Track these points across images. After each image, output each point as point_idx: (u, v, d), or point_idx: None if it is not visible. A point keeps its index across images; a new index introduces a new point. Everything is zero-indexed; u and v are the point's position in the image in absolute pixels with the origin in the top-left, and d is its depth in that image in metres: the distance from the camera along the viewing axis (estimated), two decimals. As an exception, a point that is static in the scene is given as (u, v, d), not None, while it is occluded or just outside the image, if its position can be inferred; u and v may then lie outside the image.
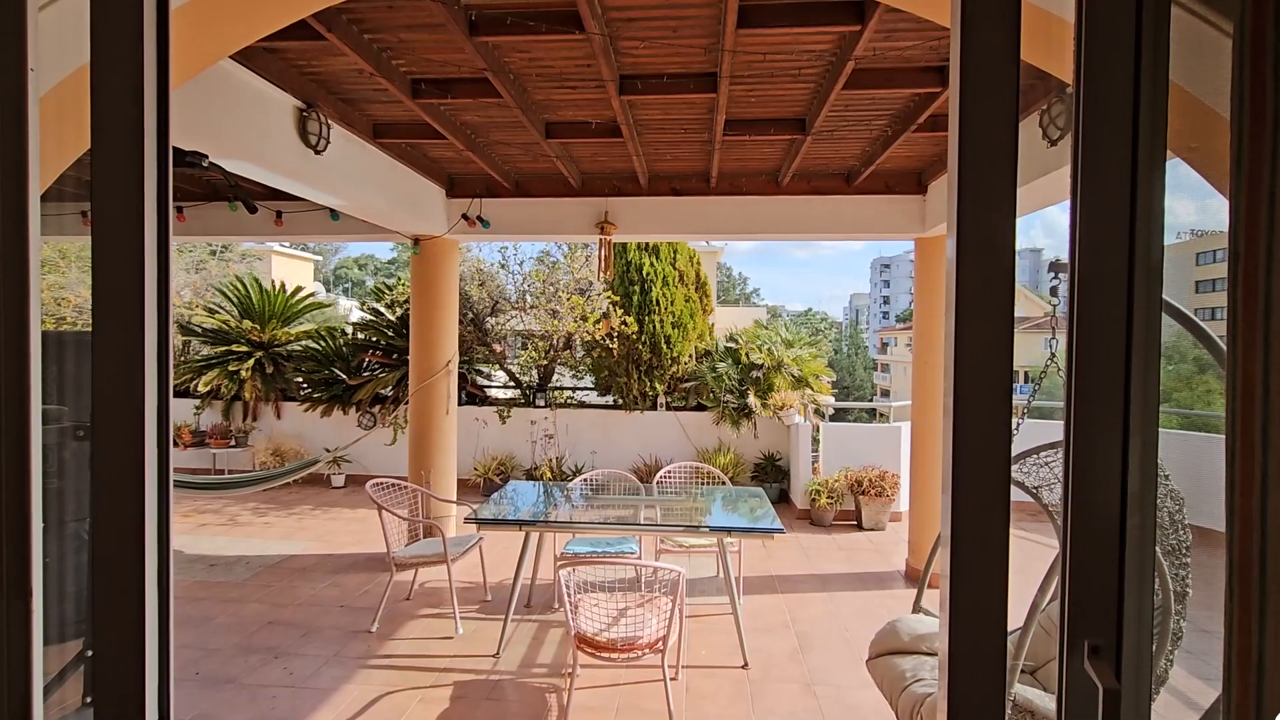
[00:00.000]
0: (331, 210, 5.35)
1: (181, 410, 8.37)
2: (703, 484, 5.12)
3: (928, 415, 5.04)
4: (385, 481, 4.58)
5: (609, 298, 7.64)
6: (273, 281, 8.79)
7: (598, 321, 7.35)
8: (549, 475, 7.50)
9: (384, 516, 4.17)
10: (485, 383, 8.94)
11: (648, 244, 7.87)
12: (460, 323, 7.94)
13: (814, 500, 6.64)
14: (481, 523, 3.83)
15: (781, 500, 7.62)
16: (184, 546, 5.76)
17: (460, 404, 8.24)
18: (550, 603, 4.59)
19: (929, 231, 5.00)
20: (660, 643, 3.16)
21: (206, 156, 2.45)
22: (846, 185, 5.07)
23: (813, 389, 7.81)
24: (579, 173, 5.03)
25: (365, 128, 4.05)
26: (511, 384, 8.70)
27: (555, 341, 7.91)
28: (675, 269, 7.98)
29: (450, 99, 3.39)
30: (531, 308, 7.90)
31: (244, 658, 3.77)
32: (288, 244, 17.96)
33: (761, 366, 7.73)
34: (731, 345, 8.14)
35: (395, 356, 8.12)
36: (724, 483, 5.07)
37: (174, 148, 1.11)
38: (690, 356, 8.04)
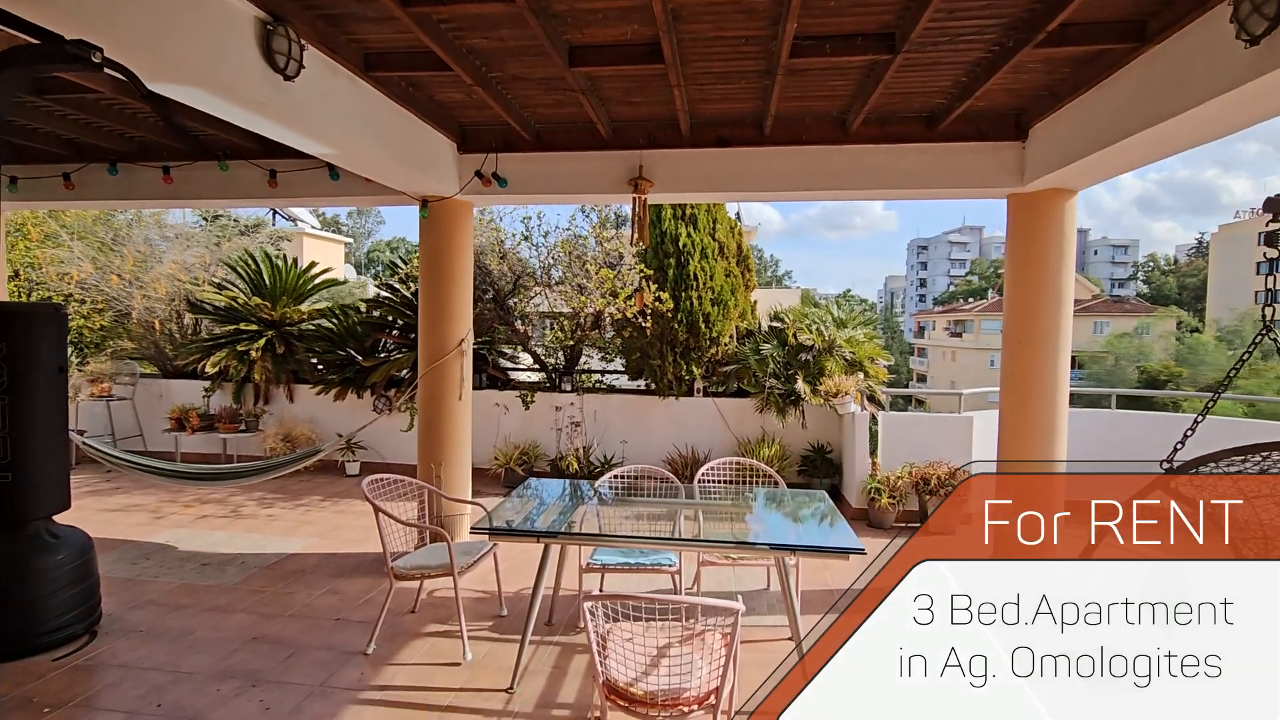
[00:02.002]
0: (330, 168, 4.73)
1: (189, 393, 7.94)
2: (750, 482, 4.40)
3: (1026, 404, 4.24)
4: (386, 478, 3.97)
5: (641, 271, 6.91)
6: (284, 256, 8.26)
7: (629, 297, 6.63)
8: (575, 466, 6.87)
9: (381, 520, 3.56)
10: (509, 365, 8.33)
11: (684, 211, 7.11)
12: (480, 299, 7.33)
13: (873, 499, 5.88)
14: (492, 532, 3.18)
15: (833, 497, 6.85)
16: (178, 542, 5.27)
17: (480, 387, 7.64)
18: (575, 620, 3.95)
19: (1028, 185, 4.15)
20: (712, 695, 2.49)
21: (99, 50, 1.81)
22: (928, 130, 4.25)
23: (868, 374, 7.01)
24: (609, 119, 4.30)
25: (354, 57, 3.38)
26: (536, 367, 8.07)
27: (582, 320, 7.22)
28: (715, 240, 7.21)
29: (450, 5, 2.69)
30: (558, 283, 7.22)
31: (217, 685, 3.21)
32: (318, 225, 17.59)
33: (811, 348, 6.95)
34: (777, 325, 7.37)
35: (412, 336, 7.53)
36: (775, 482, 4.35)
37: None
38: (731, 337, 7.29)
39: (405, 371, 7.22)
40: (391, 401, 6.43)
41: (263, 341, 7.61)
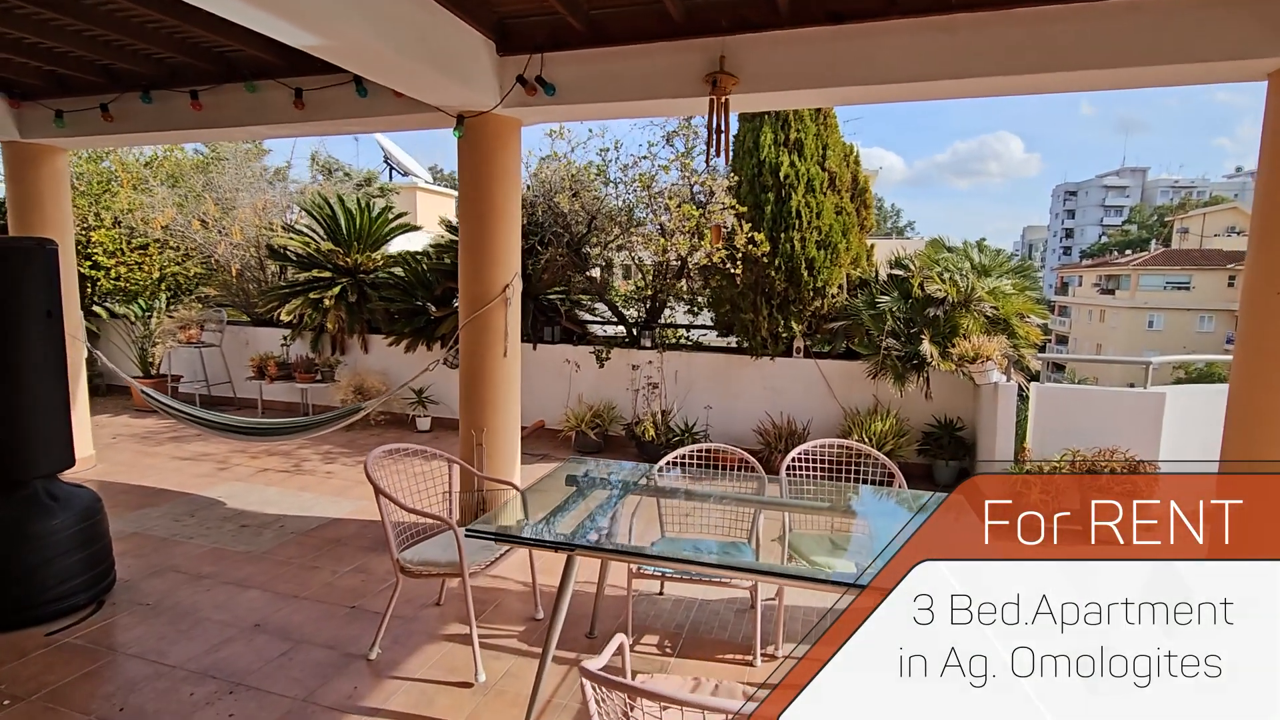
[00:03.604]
0: (357, 82, 4.04)
1: (272, 340, 7.86)
2: (856, 470, 3.37)
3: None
4: (407, 447, 3.33)
5: (733, 208, 5.84)
6: (358, 200, 7.90)
7: (691, 229, 5.57)
8: (651, 433, 6.06)
9: (383, 504, 2.92)
10: (588, 317, 7.59)
11: (788, 136, 5.91)
12: (552, 243, 6.57)
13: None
14: (491, 537, 2.42)
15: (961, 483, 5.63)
16: (229, 497, 5.02)
17: (552, 341, 6.97)
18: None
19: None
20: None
21: None
22: (1147, -23, 2.88)
23: (1017, 334, 5.61)
24: (682, -6, 3.27)
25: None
26: (614, 319, 7.27)
27: (664, 266, 6.29)
28: (824, 170, 5.98)
29: None
30: (637, 225, 6.30)
31: (191, 687, 2.73)
32: (430, 180, 17.57)
33: (942, 302, 5.64)
34: (899, 273, 6.08)
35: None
36: (890, 475, 3.28)
37: None
38: (840, 287, 6.10)
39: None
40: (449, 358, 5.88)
41: (337, 290, 7.31)
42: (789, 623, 3.32)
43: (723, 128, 3.38)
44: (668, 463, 3.42)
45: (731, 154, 6.20)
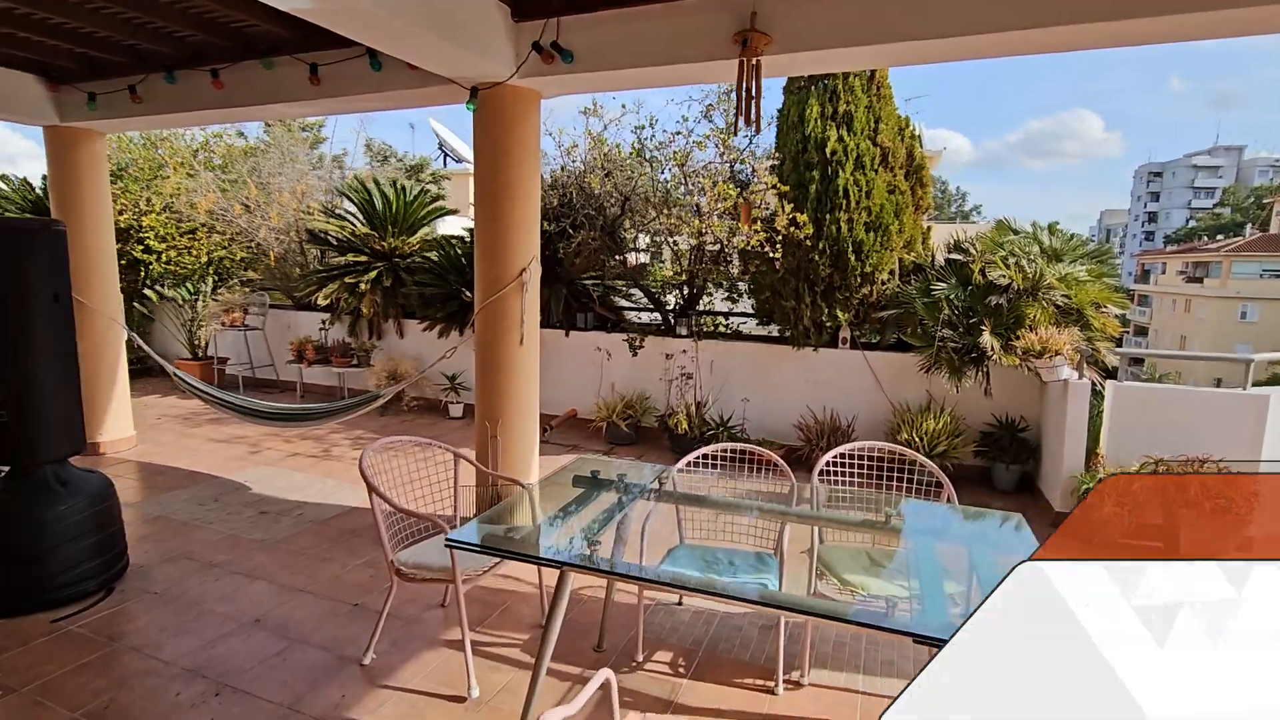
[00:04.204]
0: (371, 55, 3.85)
1: (312, 324, 7.91)
2: (902, 482, 3.01)
3: None
4: (411, 440, 3.16)
5: (773, 185, 5.44)
6: (394, 183, 7.82)
7: (728, 209, 5.19)
8: (684, 426, 5.77)
9: (376, 503, 2.74)
10: (624, 304, 7.33)
11: (836, 108, 5.46)
12: (585, 226, 6.32)
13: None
14: (463, 546, 2.18)
15: (1023, 489, 5.15)
16: (255, 482, 5.01)
17: (585, 327, 6.74)
18: (631, 649, 2.92)
19: None
20: None
21: None
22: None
23: (1092, 326, 5.05)
24: (708, -58, 2.92)
25: None
26: (649, 306, 6.98)
27: (701, 250, 5.95)
28: (876, 145, 5.50)
29: None
30: (675, 205, 5.96)
31: (180, 686, 2.63)
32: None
33: (1006, 289, 5.12)
34: (958, 258, 5.57)
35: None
36: (938, 484, 2.90)
37: None
38: (891, 273, 5.64)
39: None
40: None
41: (373, 274, 7.26)
42: (818, 644, 3.00)
43: (755, 92, 3.03)
44: (688, 463, 3.13)
45: (766, 124, 5.80)
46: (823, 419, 5.65)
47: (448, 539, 2.16)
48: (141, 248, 8.04)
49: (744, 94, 3.02)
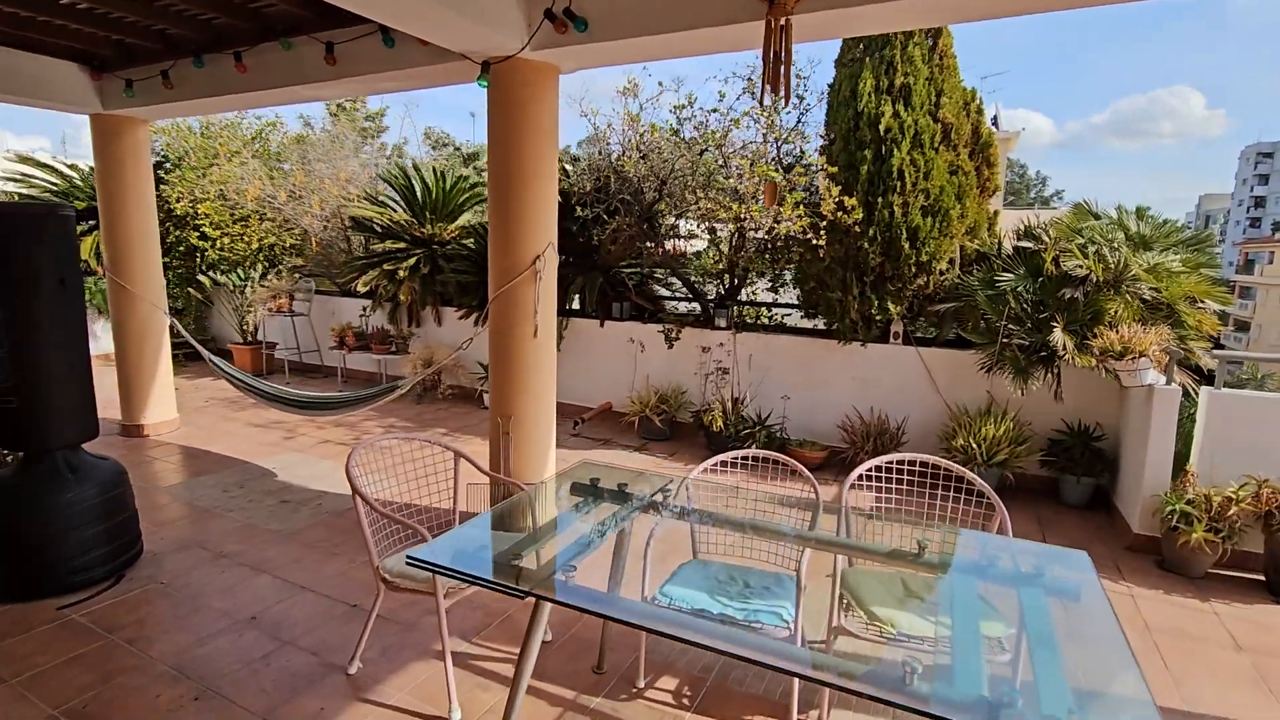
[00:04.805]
0: (384, 32, 3.68)
1: (352, 311, 7.96)
2: (953, 499, 2.62)
3: None
4: (403, 437, 3.00)
5: (821, 166, 5.02)
6: (433, 170, 7.75)
7: (783, 198, 4.81)
8: (719, 424, 5.45)
9: (360, 506, 2.58)
10: (663, 293, 7.04)
11: (892, 80, 4.98)
12: (620, 212, 6.05)
13: (1175, 527, 3.62)
14: (423, 565, 1.96)
15: (1096, 505, 4.61)
16: (282, 469, 5.01)
17: (621, 318, 6.50)
18: (632, 673, 2.67)
19: None
20: None
21: None
22: None
23: (1185, 324, 4.44)
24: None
25: None
26: (688, 295, 6.66)
27: (741, 237, 5.59)
28: (936, 121, 4.99)
29: None
30: (713, 189, 5.61)
31: (162, 688, 2.54)
32: None
33: (1083, 281, 4.57)
34: (1028, 246, 5.02)
35: (566, 258, 6.64)
36: (999, 518, 2.51)
37: None
38: (951, 262, 5.14)
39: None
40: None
41: (411, 261, 7.22)
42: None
43: (784, 57, 2.68)
44: (705, 469, 2.84)
45: (816, 100, 5.36)
46: (869, 420, 5.23)
47: (409, 557, 1.95)
48: (198, 234, 8.27)
49: (769, 59, 2.67)
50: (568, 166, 6.68)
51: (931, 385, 5.24)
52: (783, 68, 2.70)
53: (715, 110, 5.18)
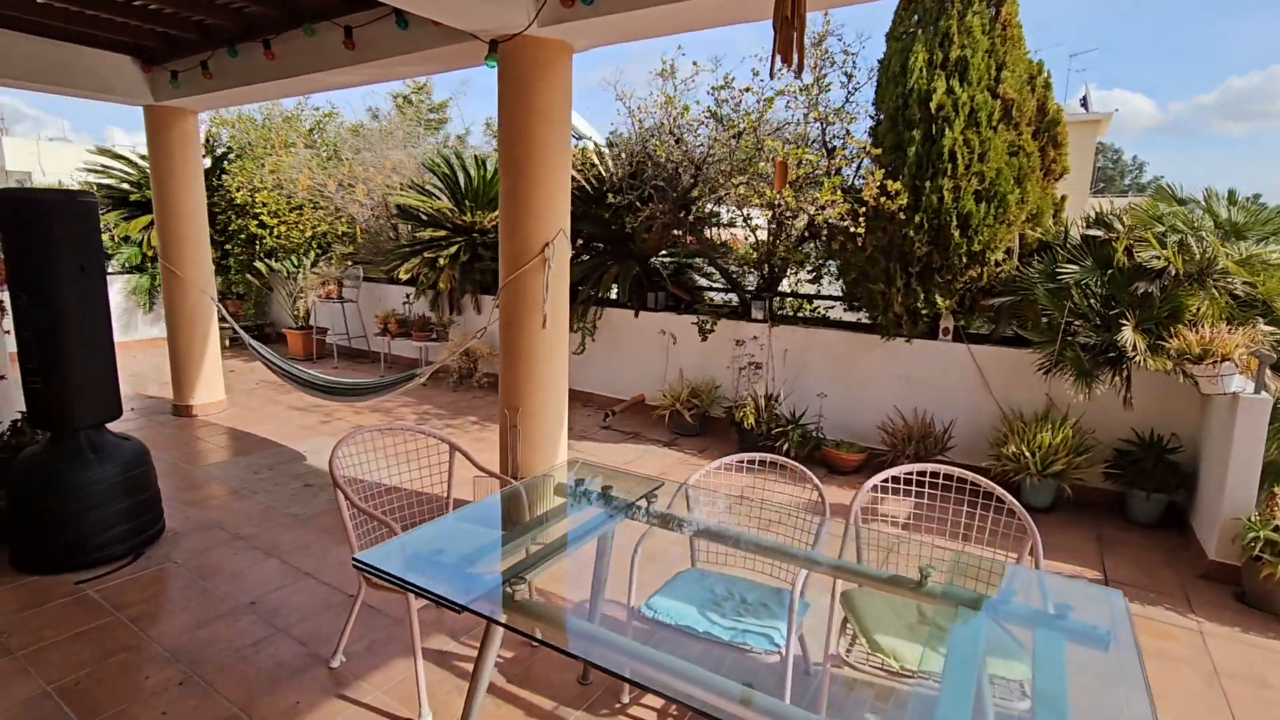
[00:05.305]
0: (398, 14, 3.61)
1: (398, 298, 8.09)
2: (980, 517, 2.33)
3: None
4: (398, 429, 2.94)
5: (865, 149, 4.67)
6: (475, 158, 7.75)
7: (803, 176, 4.49)
8: (751, 420, 5.20)
9: (343, 503, 2.53)
10: (702, 283, 6.81)
11: (947, 54, 4.57)
12: (653, 199, 5.85)
13: (1258, 557, 3.17)
14: (369, 570, 1.85)
15: (1168, 525, 4.13)
16: (312, 453, 5.10)
17: (657, 308, 6.31)
18: (618, 686, 2.52)
19: None
20: None
21: None
22: None
23: (1282, 324, 3.89)
24: None
25: None
26: (725, 286, 6.41)
27: (780, 224, 5.30)
28: (996, 98, 4.56)
29: None
30: (752, 175, 5.34)
31: (152, 670, 2.56)
32: (602, 141, 17.64)
33: (1159, 274, 4.07)
34: (1096, 234, 4.52)
35: (601, 246, 6.52)
36: (1032, 544, 2.21)
37: None
38: (1007, 253, 4.70)
39: (580, 286, 6.20)
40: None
41: (452, 249, 7.25)
42: (845, 706, 2.43)
43: (796, 22, 2.42)
44: (706, 472, 2.65)
45: (868, 78, 4.98)
46: (913, 421, 4.87)
47: (354, 559, 1.86)
48: (256, 223, 8.59)
49: (780, 25, 2.42)
50: (604, 150, 6.52)
51: (983, 386, 4.83)
52: (794, 34, 2.44)
53: (749, 89, 4.89)
